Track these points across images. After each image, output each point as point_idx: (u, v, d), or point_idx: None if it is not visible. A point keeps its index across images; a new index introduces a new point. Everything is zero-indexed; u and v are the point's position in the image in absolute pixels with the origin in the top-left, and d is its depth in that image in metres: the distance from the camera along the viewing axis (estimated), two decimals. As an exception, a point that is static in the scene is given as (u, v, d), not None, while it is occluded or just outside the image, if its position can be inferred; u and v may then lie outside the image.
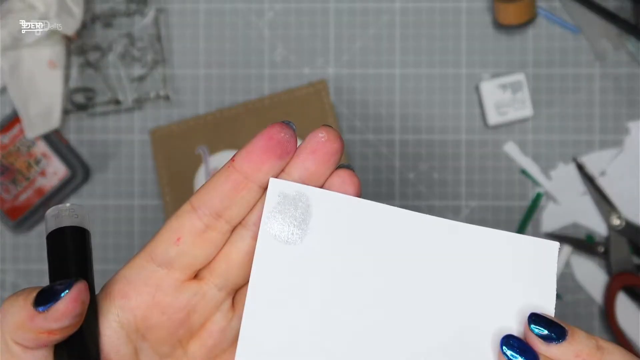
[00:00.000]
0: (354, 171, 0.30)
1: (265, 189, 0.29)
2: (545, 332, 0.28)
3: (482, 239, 0.29)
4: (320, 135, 0.29)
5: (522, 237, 0.29)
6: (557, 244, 0.30)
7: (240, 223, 0.30)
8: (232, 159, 0.29)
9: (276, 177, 0.29)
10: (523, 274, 0.29)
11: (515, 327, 0.29)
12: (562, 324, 0.28)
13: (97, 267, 0.33)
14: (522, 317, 0.29)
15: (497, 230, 0.29)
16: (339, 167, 0.30)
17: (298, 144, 0.29)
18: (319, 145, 0.29)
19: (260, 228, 0.29)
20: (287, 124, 0.29)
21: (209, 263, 0.30)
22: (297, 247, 0.29)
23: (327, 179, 0.30)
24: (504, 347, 0.28)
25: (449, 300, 0.29)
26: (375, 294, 0.29)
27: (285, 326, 0.29)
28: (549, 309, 0.29)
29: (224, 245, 0.30)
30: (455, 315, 0.29)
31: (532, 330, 0.28)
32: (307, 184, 0.29)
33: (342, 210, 0.29)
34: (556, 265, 0.29)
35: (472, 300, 0.29)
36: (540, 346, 0.28)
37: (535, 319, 0.28)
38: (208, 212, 0.29)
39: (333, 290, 0.29)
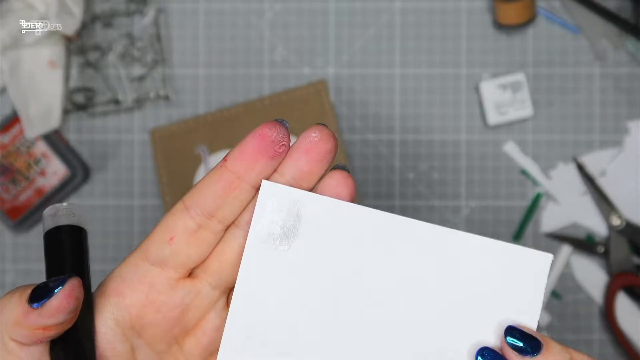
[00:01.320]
0: (349, 172, 0.30)
1: (257, 188, 0.29)
2: (520, 344, 0.28)
3: (473, 248, 0.29)
4: (313, 134, 0.29)
5: (515, 248, 0.29)
6: (550, 255, 0.29)
7: (233, 222, 0.30)
8: (225, 159, 0.29)
9: (269, 177, 0.29)
10: (511, 285, 0.29)
11: (495, 339, 0.29)
12: (537, 337, 0.28)
13: (97, 267, 0.33)
14: (503, 329, 0.29)
15: (490, 239, 0.29)
16: (334, 167, 0.30)
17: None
18: (312, 145, 0.29)
19: (249, 231, 0.29)
20: (280, 122, 0.29)
21: (203, 262, 0.30)
22: (286, 251, 0.29)
23: (322, 179, 0.29)
24: (479, 359, 0.28)
25: (435, 310, 0.29)
26: (363, 300, 0.29)
27: (270, 330, 0.29)
28: (531, 321, 0.29)
29: (217, 244, 0.30)
30: (439, 325, 0.29)
31: (507, 343, 0.28)
32: (301, 184, 0.29)
33: (333, 215, 0.29)
34: (546, 277, 0.29)
35: (458, 310, 0.29)
36: (515, 359, 0.28)
37: (511, 331, 0.28)
38: (200, 211, 0.29)
39: (320, 295, 0.29)
